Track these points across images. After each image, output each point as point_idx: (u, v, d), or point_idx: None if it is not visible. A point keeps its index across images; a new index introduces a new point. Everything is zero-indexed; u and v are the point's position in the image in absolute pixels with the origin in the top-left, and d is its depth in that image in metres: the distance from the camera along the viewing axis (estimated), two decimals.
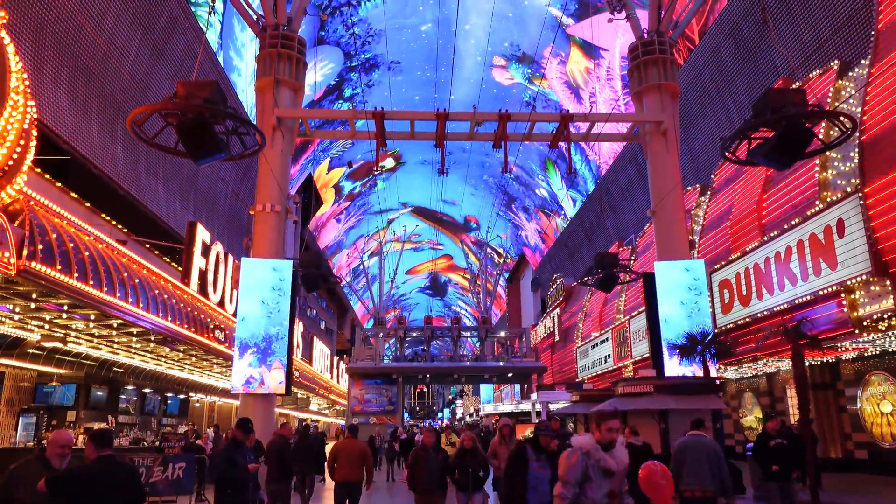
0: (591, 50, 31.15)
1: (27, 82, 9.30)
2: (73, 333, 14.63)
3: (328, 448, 12.73)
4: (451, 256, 63.85)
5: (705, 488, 6.68)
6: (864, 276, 13.15)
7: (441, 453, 8.40)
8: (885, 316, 12.71)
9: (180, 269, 17.59)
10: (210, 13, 23.15)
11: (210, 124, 8.47)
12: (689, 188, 23.69)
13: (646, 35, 19.21)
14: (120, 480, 4.77)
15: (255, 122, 17.78)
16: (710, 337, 15.82)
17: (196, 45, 21.05)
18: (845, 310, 13.74)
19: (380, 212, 51.54)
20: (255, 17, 18.81)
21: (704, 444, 6.92)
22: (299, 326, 29.38)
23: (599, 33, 29.26)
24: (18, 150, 9.07)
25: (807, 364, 16.24)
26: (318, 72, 32.56)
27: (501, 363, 32.69)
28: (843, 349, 15.50)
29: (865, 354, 16.07)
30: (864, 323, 13.18)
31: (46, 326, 13.77)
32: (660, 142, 18.43)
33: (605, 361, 29.22)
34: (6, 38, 8.90)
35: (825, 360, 17.23)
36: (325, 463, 10.32)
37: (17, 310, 12.01)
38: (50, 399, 17.23)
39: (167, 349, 17.38)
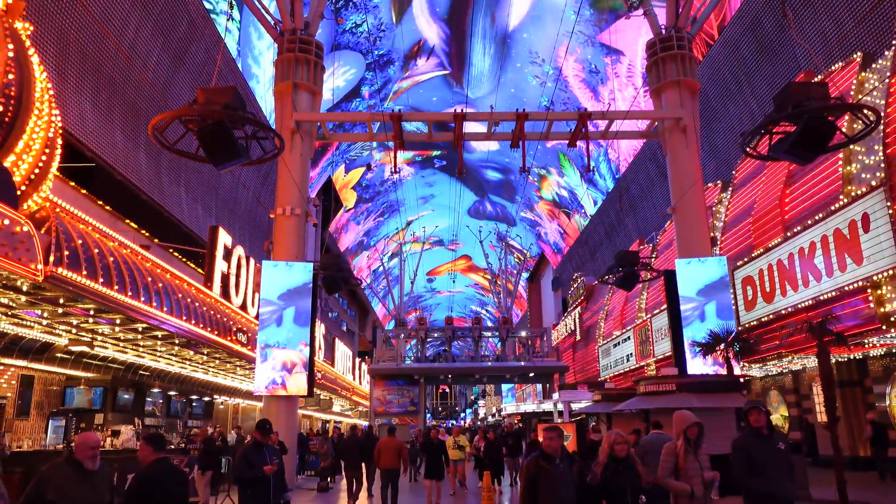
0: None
1: (51, 92, 9.49)
2: (99, 338, 14.86)
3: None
4: (469, 257, 63.84)
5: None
6: (890, 271, 12.92)
7: (574, 464, 5.57)
8: None
9: (203, 272, 17.80)
10: (228, 19, 23.41)
11: (230, 129, 8.58)
12: (709, 184, 23.44)
13: (664, 31, 19.07)
14: (177, 481, 5.12)
15: (273, 127, 17.97)
16: (733, 334, 15.66)
17: (215, 52, 21.31)
18: (872, 305, 13.51)
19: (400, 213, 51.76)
20: (272, 22, 18.98)
21: (664, 441, 7.94)
22: (321, 328, 29.56)
23: (619, 31, 29.10)
24: (44, 158, 9.26)
25: (833, 361, 16.00)
26: (338, 77, 32.76)
27: (523, 363, 32.58)
28: (871, 345, 15.23)
29: (894, 351, 15.78)
30: (892, 319, 12.94)
31: (74, 331, 14.01)
32: (679, 138, 18.29)
33: (628, 360, 29.01)
34: (31, 50, 9.09)
35: (852, 357, 16.94)
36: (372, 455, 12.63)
37: (46, 315, 12.24)
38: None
39: (191, 352, 17.58)
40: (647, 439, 8.91)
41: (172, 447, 17.54)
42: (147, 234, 17.75)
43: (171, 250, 18.83)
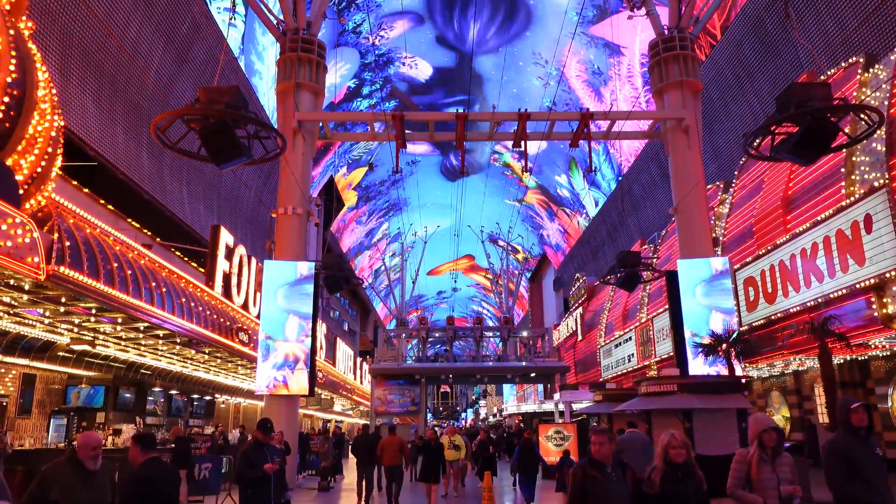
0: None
1: (54, 91, 9.50)
2: (101, 336, 14.87)
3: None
4: (472, 256, 63.84)
5: (641, 470, 8.41)
6: (893, 273, 12.90)
7: (627, 471, 4.85)
8: None
9: (204, 272, 17.81)
10: (231, 18, 23.42)
11: (232, 129, 8.59)
12: (712, 185, 23.42)
13: (666, 31, 19.05)
14: (171, 481, 5.05)
15: (276, 126, 17.97)
16: (734, 335, 15.65)
17: (218, 51, 21.31)
18: (874, 307, 13.49)
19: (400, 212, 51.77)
20: (275, 21, 18.98)
21: (638, 438, 9.40)
22: (322, 328, 29.54)
23: (619, 30, 29.09)
24: (46, 157, 9.27)
25: (835, 362, 15.97)
26: (337, 73, 32.76)
27: (524, 363, 32.56)
28: (873, 347, 15.21)
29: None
30: (894, 320, 12.93)
31: (75, 330, 14.02)
32: (681, 139, 18.28)
33: (629, 361, 29.00)
34: (33, 48, 9.10)
35: (854, 358, 16.92)
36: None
37: (47, 314, 12.25)
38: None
39: (193, 351, 17.59)
40: (622, 437, 9.88)
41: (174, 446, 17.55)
42: (149, 234, 17.77)
43: (172, 249, 18.84)
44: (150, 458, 4.89)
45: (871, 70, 15.55)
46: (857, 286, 13.97)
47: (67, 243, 9.52)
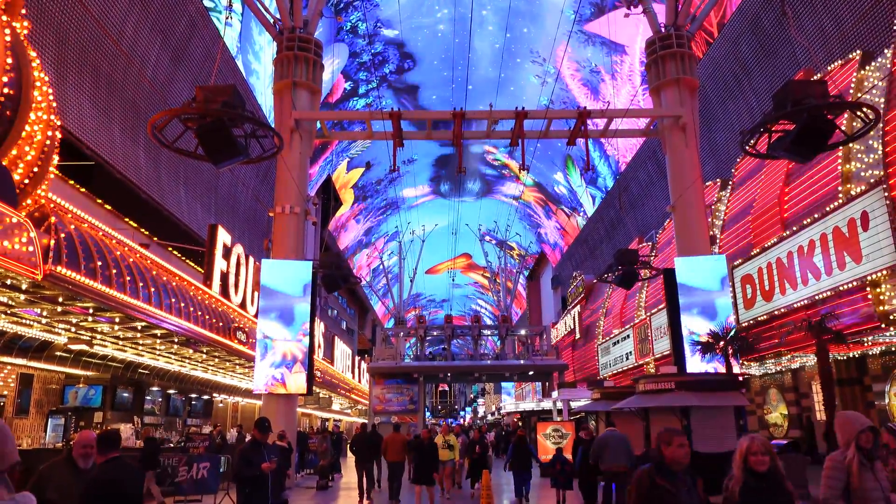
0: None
1: (50, 90, 9.48)
2: (98, 336, 14.86)
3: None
4: (469, 255, 63.83)
5: (620, 464, 9.91)
6: (889, 270, 12.92)
7: (699, 479, 3.99)
8: None
9: (202, 271, 17.80)
10: (227, 17, 23.38)
11: (229, 128, 8.58)
12: (709, 182, 23.44)
13: (663, 29, 19.06)
14: (131, 482, 4.81)
15: (273, 125, 17.95)
16: (732, 333, 15.67)
17: (214, 50, 21.27)
18: (871, 304, 13.52)
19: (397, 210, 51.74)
20: (271, 20, 18.96)
21: (617, 436, 10.28)
22: (320, 327, 29.56)
23: (616, 28, 29.07)
24: (43, 156, 9.26)
25: (832, 359, 16.01)
26: (332, 68, 32.70)
27: (522, 361, 32.53)
28: (870, 344, 15.25)
29: (893, 349, 15.80)
30: (891, 317, 12.95)
31: (73, 329, 14.01)
32: (679, 136, 18.29)
33: (627, 359, 29.03)
34: (29, 49, 9.08)
35: (851, 355, 16.96)
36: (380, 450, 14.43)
37: (45, 313, 12.24)
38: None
39: (190, 351, 17.58)
40: (600, 437, 10.70)
41: (172, 445, 17.56)
42: (146, 233, 17.76)
43: (170, 249, 18.83)
44: (110, 459, 4.73)
45: (867, 67, 15.57)
46: (855, 283, 13.99)
47: (64, 243, 9.51)
